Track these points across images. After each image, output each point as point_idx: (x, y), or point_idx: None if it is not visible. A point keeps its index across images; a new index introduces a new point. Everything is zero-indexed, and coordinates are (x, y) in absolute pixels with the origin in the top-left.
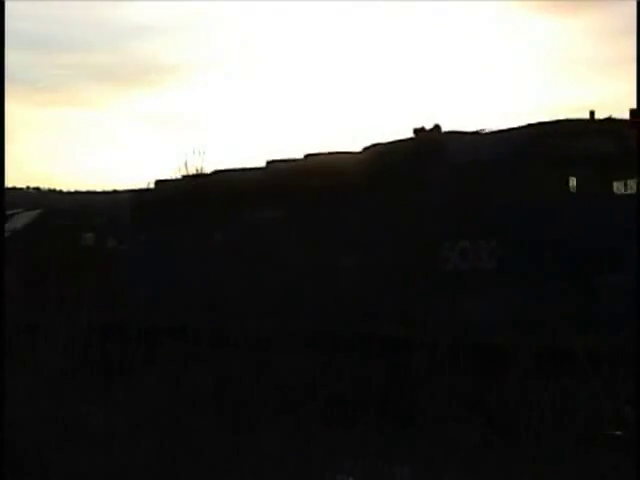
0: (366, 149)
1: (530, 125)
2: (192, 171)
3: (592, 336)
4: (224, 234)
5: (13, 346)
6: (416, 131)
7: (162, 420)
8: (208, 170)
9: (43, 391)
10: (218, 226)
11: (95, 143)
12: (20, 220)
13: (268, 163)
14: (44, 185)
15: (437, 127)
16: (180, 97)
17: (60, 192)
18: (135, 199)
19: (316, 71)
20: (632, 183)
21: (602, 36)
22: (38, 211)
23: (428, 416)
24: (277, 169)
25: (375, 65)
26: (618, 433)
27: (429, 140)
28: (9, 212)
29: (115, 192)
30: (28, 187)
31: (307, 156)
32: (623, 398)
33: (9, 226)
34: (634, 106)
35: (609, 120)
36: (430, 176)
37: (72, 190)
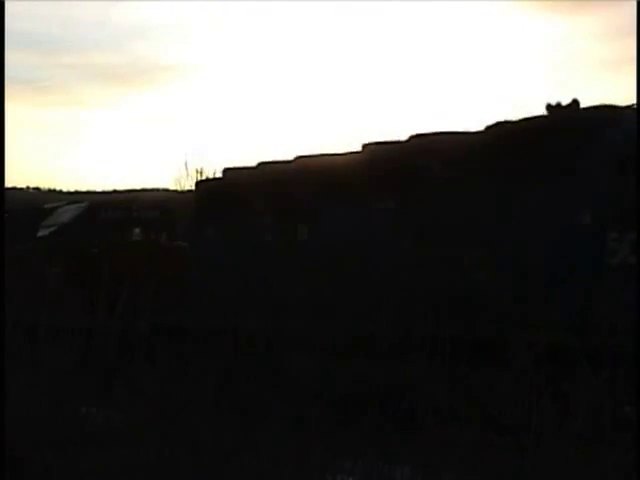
0: (489, 128)
1: None
2: (192, 172)
3: None
4: (311, 229)
5: (59, 351)
6: (549, 107)
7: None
8: (208, 170)
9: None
10: (304, 220)
11: (95, 143)
12: (67, 213)
13: (365, 146)
14: (44, 185)
15: (576, 102)
16: (180, 97)
17: (60, 192)
18: (200, 190)
19: (314, 72)
20: None
21: (604, 36)
22: (85, 204)
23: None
24: (378, 153)
25: (375, 66)
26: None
27: (575, 117)
28: (49, 205)
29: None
30: (28, 187)
31: (412, 137)
32: None
33: (54, 220)
34: None
35: None
36: (584, 155)
37: (72, 190)
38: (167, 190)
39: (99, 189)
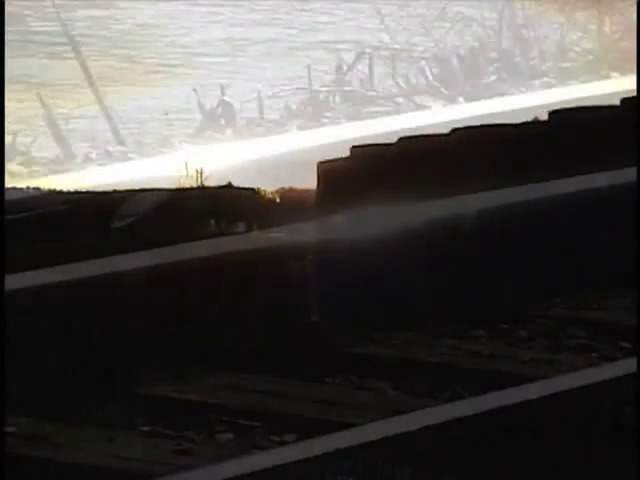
0: None
1: None
2: (192, 172)
3: None
4: (482, 211)
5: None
6: None
7: None
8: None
9: None
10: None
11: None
12: (144, 202)
13: (624, 101)
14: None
15: None
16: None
17: (60, 192)
18: (322, 171)
19: None
20: None
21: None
22: (164, 192)
23: None
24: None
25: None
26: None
27: None
28: (117, 195)
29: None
30: (28, 187)
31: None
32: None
33: (130, 209)
34: None
35: None
36: None
37: (72, 190)
38: (167, 190)
39: (99, 189)
